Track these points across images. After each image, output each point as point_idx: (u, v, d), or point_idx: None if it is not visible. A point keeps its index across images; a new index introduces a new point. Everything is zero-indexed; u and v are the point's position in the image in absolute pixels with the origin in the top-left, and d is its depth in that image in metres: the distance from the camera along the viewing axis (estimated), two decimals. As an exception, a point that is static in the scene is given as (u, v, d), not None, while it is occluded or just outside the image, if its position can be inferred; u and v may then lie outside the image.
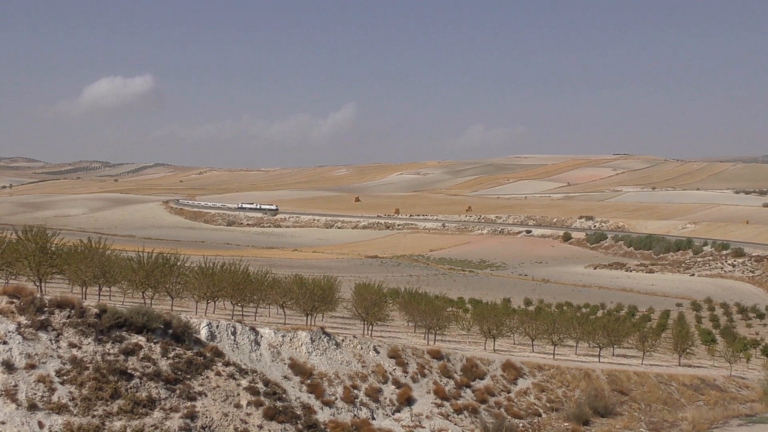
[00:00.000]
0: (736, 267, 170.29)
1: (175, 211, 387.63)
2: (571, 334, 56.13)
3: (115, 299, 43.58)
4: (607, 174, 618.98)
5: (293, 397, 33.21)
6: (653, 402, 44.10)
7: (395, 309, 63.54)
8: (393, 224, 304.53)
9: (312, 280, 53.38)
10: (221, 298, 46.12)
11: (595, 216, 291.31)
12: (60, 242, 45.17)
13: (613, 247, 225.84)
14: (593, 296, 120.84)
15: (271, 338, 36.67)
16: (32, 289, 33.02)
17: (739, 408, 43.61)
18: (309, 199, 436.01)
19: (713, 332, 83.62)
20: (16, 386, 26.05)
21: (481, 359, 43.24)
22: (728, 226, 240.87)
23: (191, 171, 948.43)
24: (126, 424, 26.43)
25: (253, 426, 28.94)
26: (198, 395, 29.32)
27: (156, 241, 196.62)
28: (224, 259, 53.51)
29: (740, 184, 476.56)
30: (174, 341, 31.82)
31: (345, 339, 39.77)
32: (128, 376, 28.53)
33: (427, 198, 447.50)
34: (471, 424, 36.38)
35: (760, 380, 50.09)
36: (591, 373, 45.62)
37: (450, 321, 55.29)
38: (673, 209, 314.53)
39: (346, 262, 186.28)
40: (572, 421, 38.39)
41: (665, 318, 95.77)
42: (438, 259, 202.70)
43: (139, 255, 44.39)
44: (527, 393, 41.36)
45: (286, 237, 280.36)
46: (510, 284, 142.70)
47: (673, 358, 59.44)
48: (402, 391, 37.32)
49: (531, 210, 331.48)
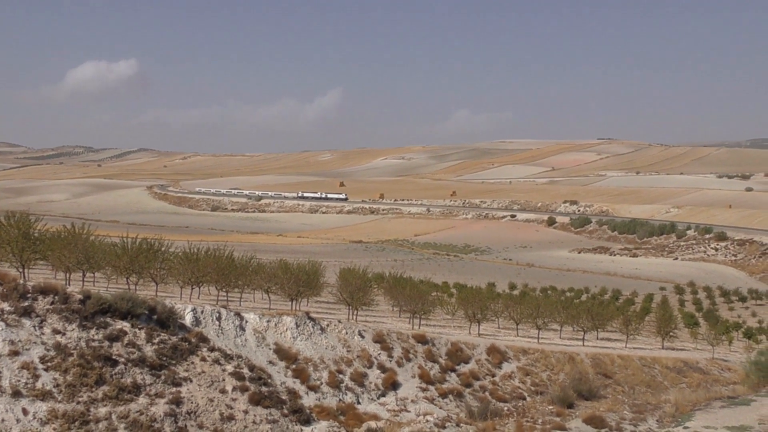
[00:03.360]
0: (719, 251, 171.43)
1: (160, 197, 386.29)
2: (555, 318, 56.38)
3: (99, 285, 43.35)
4: (592, 158, 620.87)
5: (278, 382, 33.22)
6: (637, 385, 44.38)
7: (380, 294, 63.63)
8: (377, 209, 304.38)
9: (297, 265, 53.30)
10: (206, 283, 45.99)
11: (580, 200, 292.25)
12: (43, 228, 44.86)
13: (597, 232, 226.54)
14: (577, 280, 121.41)
15: (256, 323, 36.64)
16: (15, 275, 32.77)
17: (721, 390, 43.94)
18: (293, 184, 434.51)
19: (696, 315, 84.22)
20: (0, 373, 25.93)
21: (465, 343, 43.38)
22: (711, 210, 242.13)
23: (175, 156, 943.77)
24: (111, 410, 26.37)
25: (238, 411, 28.96)
26: (183, 381, 29.29)
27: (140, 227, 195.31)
28: (209, 245, 53.20)
29: (723, 169, 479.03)
30: (159, 327, 31.76)
31: (330, 324, 39.79)
32: (113, 362, 28.46)
33: (411, 183, 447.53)
34: (456, 408, 36.51)
35: (742, 362, 50.47)
36: (575, 357, 45.85)
37: (435, 305, 55.37)
38: (656, 193, 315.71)
39: (330, 247, 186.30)
40: (557, 404, 38.60)
41: (649, 301, 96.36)
42: (423, 244, 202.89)
43: (123, 240, 44.14)
44: (512, 377, 41.54)
45: (271, 222, 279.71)
46: (494, 269, 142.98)
47: (656, 341, 59.77)
48: (387, 376, 37.41)
49: (515, 195, 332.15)
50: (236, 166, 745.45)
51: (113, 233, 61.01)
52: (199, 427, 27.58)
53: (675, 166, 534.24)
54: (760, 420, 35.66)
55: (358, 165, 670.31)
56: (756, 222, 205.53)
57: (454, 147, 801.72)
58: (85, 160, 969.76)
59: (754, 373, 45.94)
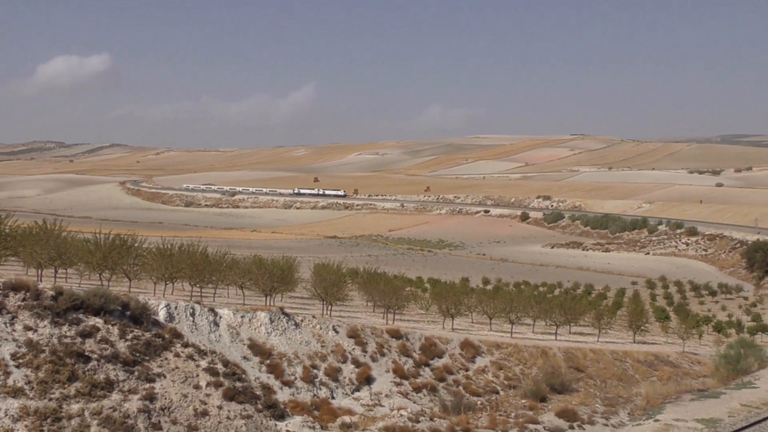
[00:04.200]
0: (689, 246, 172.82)
1: (133, 192, 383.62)
2: (528, 313, 56.66)
3: (72, 281, 43.06)
4: (565, 154, 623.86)
5: (253, 377, 33.18)
6: (608, 378, 44.74)
7: (354, 289, 63.61)
8: (352, 204, 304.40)
9: (271, 261, 53.28)
10: (180, 279, 45.79)
11: (553, 196, 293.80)
12: (14, 224, 44.54)
13: (570, 227, 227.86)
14: (550, 275, 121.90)
15: (230, 319, 36.56)
16: (-14, 271, 32.50)
17: (691, 383, 44.38)
18: (267, 179, 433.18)
19: (667, 309, 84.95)
20: (-29, 370, 25.69)
21: (439, 338, 43.52)
22: (682, 206, 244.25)
23: (149, 151, 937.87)
24: (84, 406, 26.22)
25: (212, 407, 28.89)
26: (157, 377, 29.18)
27: (113, 223, 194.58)
28: (182, 240, 53.01)
29: (694, 164, 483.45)
30: (132, 323, 31.60)
31: (304, 319, 39.77)
32: (86, 358, 28.28)
33: (385, 178, 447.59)
34: (430, 402, 36.64)
35: (712, 356, 51.03)
36: (548, 351, 46.13)
37: (409, 300, 55.53)
38: (628, 189, 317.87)
39: (305, 242, 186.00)
40: (529, 398, 38.85)
41: (621, 296, 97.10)
42: (397, 239, 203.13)
43: (96, 236, 43.83)
44: (485, 371, 41.73)
45: (245, 218, 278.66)
46: (468, 264, 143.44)
47: (628, 335, 60.28)
48: (361, 371, 37.46)
49: (489, 190, 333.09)
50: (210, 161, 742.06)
51: (86, 229, 60.59)
52: (173, 422, 27.49)
53: (647, 162, 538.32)
54: (729, 412, 36.08)
55: (332, 160, 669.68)
56: (726, 217, 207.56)
57: (428, 142, 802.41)
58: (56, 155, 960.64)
59: (723, 366, 46.47)
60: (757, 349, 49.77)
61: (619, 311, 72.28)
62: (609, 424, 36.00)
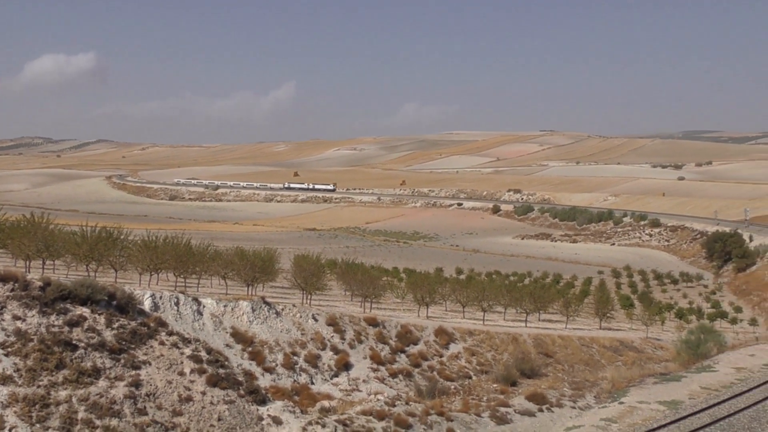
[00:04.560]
0: (653, 236, 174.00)
1: (118, 186, 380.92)
2: (499, 301, 56.92)
3: (60, 272, 42.73)
4: (534, 149, 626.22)
5: (235, 364, 33.14)
6: (576, 363, 45.05)
7: (333, 279, 63.55)
8: (330, 198, 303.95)
9: (252, 252, 53.13)
10: (164, 270, 45.61)
11: (523, 189, 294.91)
12: (2, 217, 44.21)
13: (540, 219, 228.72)
14: (521, 265, 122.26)
15: (213, 308, 36.47)
16: (-25, 263, 32.22)
17: (654, 367, 44.84)
18: (249, 174, 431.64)
19: (631, 297, 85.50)
20: (-39, 358, 25.48)
21: (414, 326, 43.62)
22: (646, 198, 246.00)
23: (134, 147, 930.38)
24: (71, 393, 26.09)
25: (196, 392, 28.82)
26: (142, 364, 29.07)
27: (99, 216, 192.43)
28: (167, 233, 52.79)
29: (657, 159, 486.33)
30: (118, 312, 31.47)
31: (285, 308, 39.75)
32: (73, 346, 28.14)
33: (363, 173, 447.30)
34: (405, 387, 36.75)
35: (674, 341, 51.54)
36: (518, 338, 46.38)
37: (385, 290, 55.59)
38: (595, 182, 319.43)
39: (285, 234, 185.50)
40: (501, 382, 39.07)
41: (587, 285, 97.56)
42: (374, 231, 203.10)
43: (83, 229, 43.62)
44: (458, 357, 41.89)
45: (227, 211, 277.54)
46: (442, 254, 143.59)
47: (594, 322, 60.65)
48: (340, 357, 37.51)
49: (462, 184, 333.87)
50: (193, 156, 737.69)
51: (73, 222, 60.13)
52: (158, 408, 27.41)
53: (612, 157, 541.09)
54: (690, 395, 36.49)
55: (311, 155, 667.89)
56: (687, 209, 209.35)
57: (403, 138, 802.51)
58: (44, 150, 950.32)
59: (684, 351, 46.99)
60: (716, 335, 50.35)
61: (586, 299, 72.72)
62: (576, 407, 36.30)
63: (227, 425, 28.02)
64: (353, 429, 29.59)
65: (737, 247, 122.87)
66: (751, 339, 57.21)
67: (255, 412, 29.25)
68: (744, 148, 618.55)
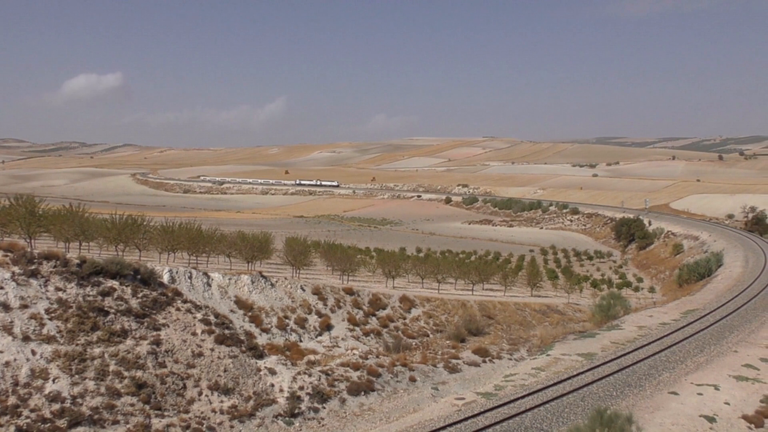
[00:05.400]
0: (573, 222, 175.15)
1: (141, 182, 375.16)
2: (451, 274, 57.18)
3: (93, 252, 42.22)
4: (479, 152, 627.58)
5: (238, 326, 33.00)
6: (512, 324, 45.36)
7: (317, 257, 63.37)
8: (315, 191, 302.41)
9: (252, 235, 52.93)
10: (179, 250, 45.41)
11: (470, 184, 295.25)
12: (46, 207, 43.75)
13: (483, 208, 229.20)
14: (468, 245, 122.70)
15: (220, 281, 36.26)
16: (24, 244, 31.82)
17: (574, 326, 45.24)
18: (249, 171, 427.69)
19: (556, 271, 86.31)
20: (12, 322, 25.14)
21: (383, 294, 43.66)
22: (567, 191, 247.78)
23: (154, 150, 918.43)
24: (104, 350, 25.84)
25: (206, 349, 28.64)
26: (162, 326, 28.84)
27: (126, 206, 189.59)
28: (181, 220, 52.31)
29: (576, 160, 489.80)
30: (142, 284, 31.18)
31: (278, 280, 39.60)
32: (105, 312, 27.87)
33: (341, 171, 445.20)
34: (376, 344, 36.83)
35: (590, 305, 52.07)
36: (466, 303, 46.60)
37: (359, 265, 55.62)
38: (527, 178, 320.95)
39: (278, 220, 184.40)
40: (452, 339, 39.26)
41: (521, 261, 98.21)
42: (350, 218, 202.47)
43: (112, 217, 43.44)
44: (418, 319, 42.02)
45: (231, 202, 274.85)
46: (405, 237, 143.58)
47: (527, 290, 61.11)
48: (323, 320, 37.49)
49: (421, 180, 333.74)
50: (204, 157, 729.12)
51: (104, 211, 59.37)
52: (175, 362, 27.19)
53: (540, 158, 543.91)
54: (602, 348, 36.90)
55: (299, 157, 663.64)
56: (600, 200, 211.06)
57: (374, 143, 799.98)
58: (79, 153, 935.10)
59: (597, 313, 47.48)
60: (623, 300, 50.87)
61: (520, 272, 73.24)
62: (512, 359, 36.56)
63: (231, 375, 27.86)
64: (334, 377, 29.57)
65: (639, 230, 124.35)
66: (650, 303, 57.96)
67: (254, 365, 29.12)
68: (644, 150, 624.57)
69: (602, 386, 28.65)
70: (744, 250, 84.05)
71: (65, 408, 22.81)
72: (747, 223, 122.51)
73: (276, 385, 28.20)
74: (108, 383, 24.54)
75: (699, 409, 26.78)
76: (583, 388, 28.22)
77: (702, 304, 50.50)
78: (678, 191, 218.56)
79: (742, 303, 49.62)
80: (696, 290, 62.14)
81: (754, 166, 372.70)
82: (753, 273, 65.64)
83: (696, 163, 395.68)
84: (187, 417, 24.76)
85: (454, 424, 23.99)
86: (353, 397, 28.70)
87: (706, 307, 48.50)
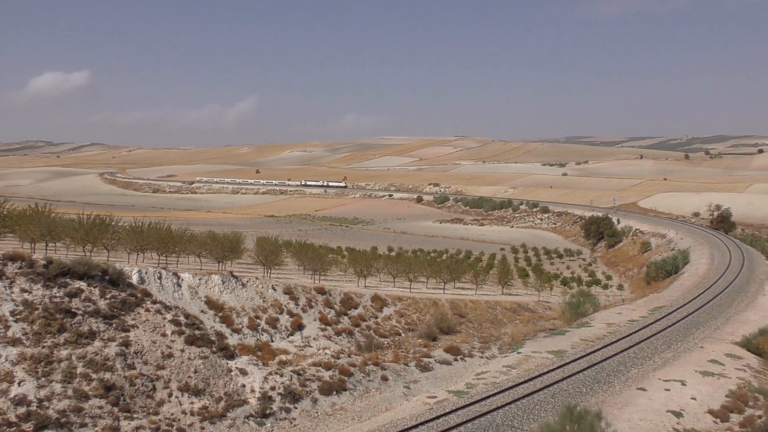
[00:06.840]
0: (543, 220, 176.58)
1: (109, 181, 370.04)
2: (423, 273, 57.28)
3: (60, 253, 41.57)
4: (450, 151, 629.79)
5: (209, 326, 32.73)
6: (483, 322, 45.61)
7: (288, 256, 63.08)
8: (286, 190, 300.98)
9: (222, 235, 52.48)
10: (149, 250, 44.89)
11: (441, 183, 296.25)
12: (11, 207, 43.06)
13: (454, 207, 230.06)
14: (439, 244, 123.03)
15: (190, 281, 35.93)
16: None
17: (544, 324, 45.66)
18: (219, 171, 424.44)
19: (526, 269, 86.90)
20: (-24, 325, 24.63)
21: (355, 293, 43.63)
22: (537, 190, 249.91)
23: (122, 149, 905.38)
24: (71, 352, 25.45)
25: (176, 350, 28.36)
26: (131, 327, 28.49)
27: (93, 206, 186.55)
28: (151, 220, 51.78)
29: (546, 159, 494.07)
30: (110, 285, 30.79)
31: (249, 280, 39.36)
32: (72, 314, 27.46)
33: (312, 170, 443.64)
34: (348, 343, 36.77)
35: (560, 303, 52.54)
36: (438, 302, 46.75)
37: (331, 265, 55.43)
38: (497, 177, 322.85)
39: (249, 220, 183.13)
40: (424, 338, 39.36)
41: (492, 259, 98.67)
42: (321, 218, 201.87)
43: (80, 217, 42.92)
44: (390, 318, 42.05)
45: (201, 201, 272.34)
46: (377, 236, 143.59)
47: (497, 288, 61.45)
48: (294, 319, 37.34)
49: (392, 179, 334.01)
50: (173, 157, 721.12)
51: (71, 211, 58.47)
52: (145, 363, 26.88)
53: (511, 157, 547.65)
54: (572, 345, 37.29)
55: (269, 156, 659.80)
56: (569, 198, 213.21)
57: (345, 142, 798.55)
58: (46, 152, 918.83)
59: (567, 311, 47.96)
60: (592, 298, 51.47)
61: (491, 271, 73.62)
62: (484, 357, 36.77)
63: (202, 376, 27.63)
64: (306, 377, 29.48)
65: (608, 228, 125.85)
66: (619, 300, 58.65)
67: (225, 365, 28.92)
68: (613, 150, 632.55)
69: (572, 383, 28.96)
70: (710, 248, 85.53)
71: (31, 411, 22.42)
72: (712, 221, 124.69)
73: (247, 386, 28.04)
74: (75, 386, 24.18)
75: (666, 404, 27.21)
76: (553, 386, 28.50)
77: (669, 301, 51.29)
78: (646, 190, 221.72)
79: (707, 300, 50.54)
80: (663, 287, 63.05)
81: (719, 165, 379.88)
82: (718, 270, 66.86)
83: (663, 162, 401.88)
84: (157, 419, 24.49)
85: (426, 423, 24.08)
86: (325, 397, 28.64)
87: (673, 304, 49.27)
